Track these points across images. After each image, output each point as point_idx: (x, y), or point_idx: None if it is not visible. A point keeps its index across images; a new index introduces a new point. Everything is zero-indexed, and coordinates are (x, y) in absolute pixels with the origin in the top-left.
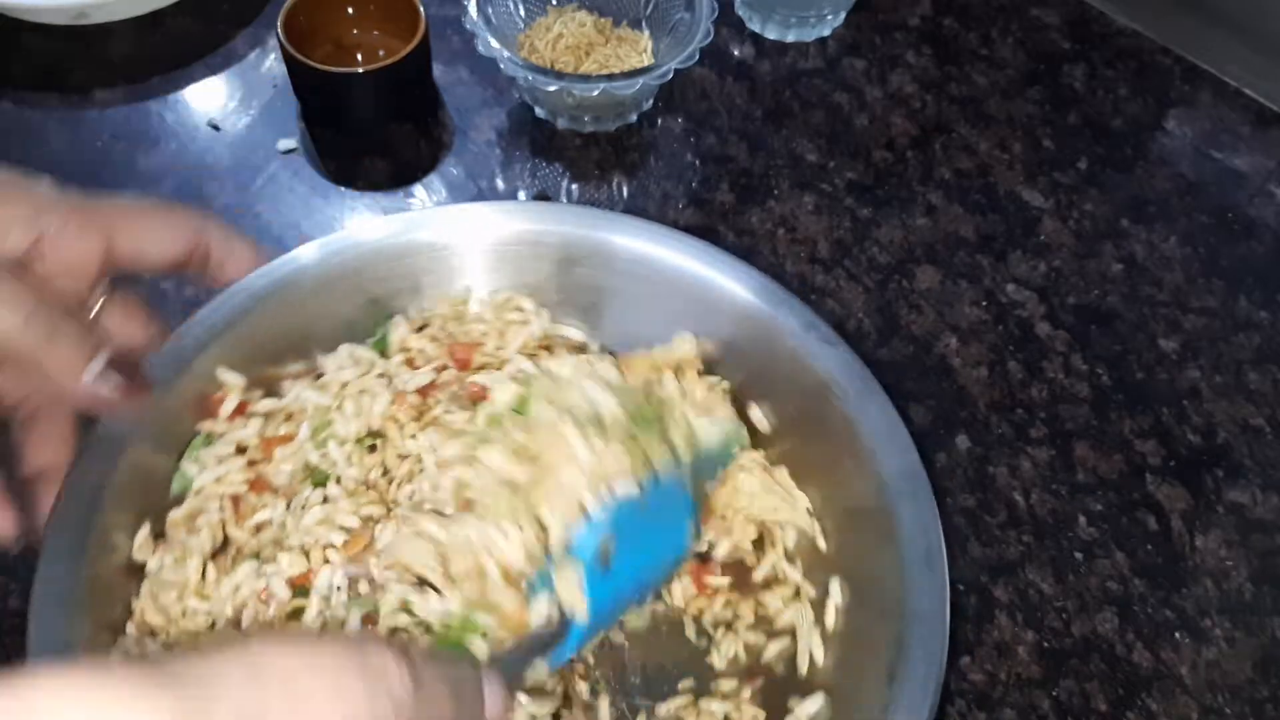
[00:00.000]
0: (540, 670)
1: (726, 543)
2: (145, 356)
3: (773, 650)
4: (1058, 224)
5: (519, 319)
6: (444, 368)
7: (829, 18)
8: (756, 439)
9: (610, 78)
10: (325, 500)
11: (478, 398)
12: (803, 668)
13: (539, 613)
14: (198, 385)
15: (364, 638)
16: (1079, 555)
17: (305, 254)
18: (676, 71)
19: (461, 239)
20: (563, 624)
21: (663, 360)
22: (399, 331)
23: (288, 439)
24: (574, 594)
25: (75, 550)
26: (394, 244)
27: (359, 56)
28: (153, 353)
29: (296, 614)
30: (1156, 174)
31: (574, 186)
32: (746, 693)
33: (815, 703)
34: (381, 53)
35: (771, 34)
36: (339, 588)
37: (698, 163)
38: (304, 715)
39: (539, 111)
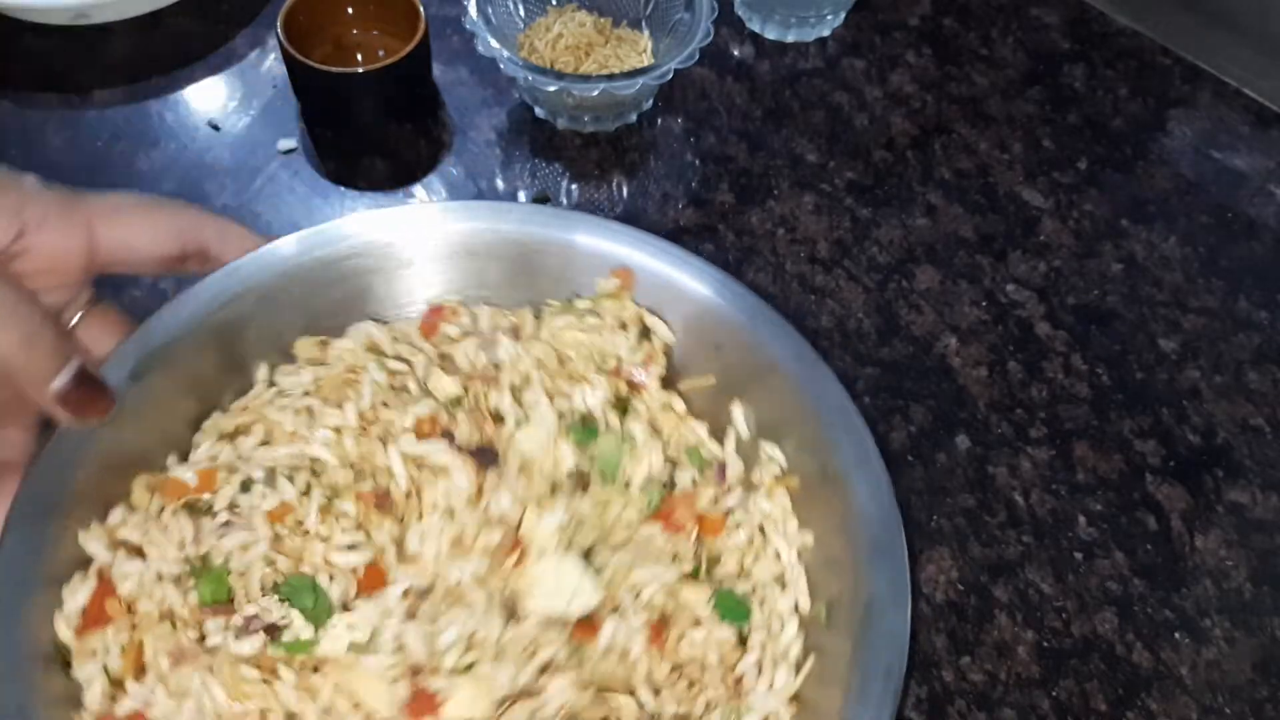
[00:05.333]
0: None
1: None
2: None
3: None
4: (1058, 224)
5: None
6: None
7: (829, 18)
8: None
9: (610, 78)
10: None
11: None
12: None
13: None
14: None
15: None
16: (1079, 555)
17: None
18: (676, 71)
19: (415, 240)
20: None
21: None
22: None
23: None
24: None
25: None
26: (338, 250)
27: (359, 56)
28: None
29: None
30: (1156, 174)
31: (574, 186)
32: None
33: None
34: (381, 53)
35: (771, 34)
36: None
37: (698, 163)
38: None
39: (539, 111)
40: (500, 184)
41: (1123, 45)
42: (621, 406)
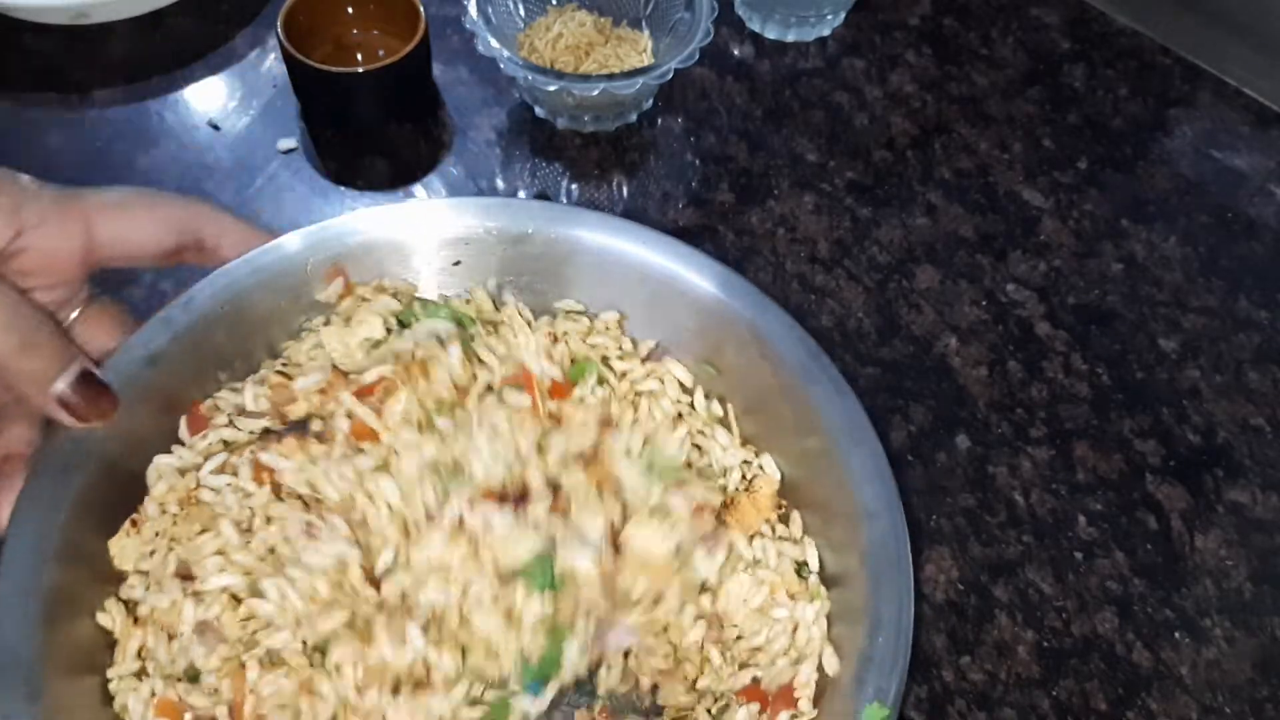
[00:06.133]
0: None
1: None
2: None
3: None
4: (1058, 224)
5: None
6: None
7: (829, 18)
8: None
9: (610, 78)
10: None
11: None
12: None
13: None
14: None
15: None
16: (1079, 555)
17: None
18: (676, 71)
19: (414, 235)
20: None
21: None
22: None
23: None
24: None
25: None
26: (347, 242)
27: (359, 56)
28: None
29: None
30: (1156, 174)
31: (574, 186)
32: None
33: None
34: (381, 53)
35: (771, 34)
36: None
37: (698, 162)
38: None
39: (539, 111)
40: (500, 184)
41: (1123, 45)
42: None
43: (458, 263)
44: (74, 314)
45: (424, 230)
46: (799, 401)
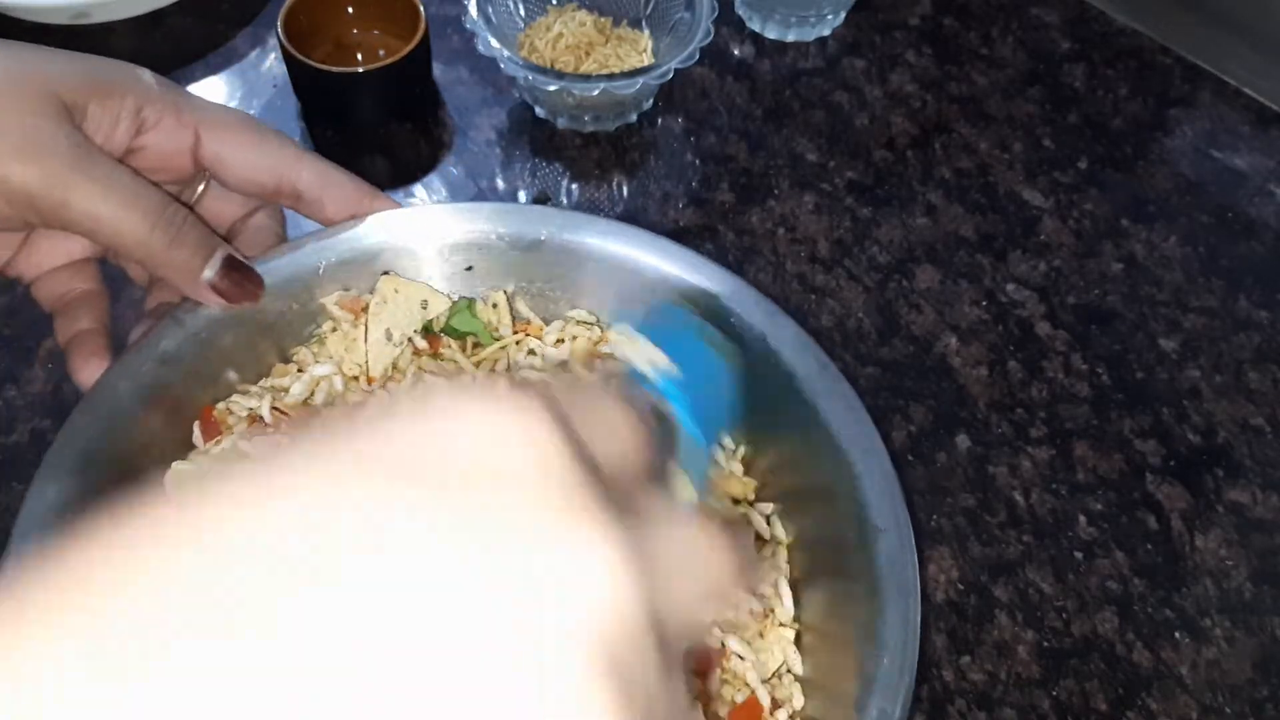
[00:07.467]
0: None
1: None
2: (253, 257)
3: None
4: (1058, 224)
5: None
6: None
7: (829, 17)
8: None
9: (610, 77)
10: None
11: None
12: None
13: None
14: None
15: None
16: (1079, 555)
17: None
18: (676, 71)
19: (424, 241)
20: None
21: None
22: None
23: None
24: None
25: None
26: (347, 249)
27: (359, 56)
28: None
29: None
30: (1156, 174)
31: (574, 186)
32: None
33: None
34: (381, 52)
35: (771, 34)
36: None
37: (698, 162)
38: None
39: (539, 111)
40: (500, 184)
41: (1123, 45)
42: None
43: (470, 268)
44: (199, 190)
45: (435, 235)
46: (812, 423)
